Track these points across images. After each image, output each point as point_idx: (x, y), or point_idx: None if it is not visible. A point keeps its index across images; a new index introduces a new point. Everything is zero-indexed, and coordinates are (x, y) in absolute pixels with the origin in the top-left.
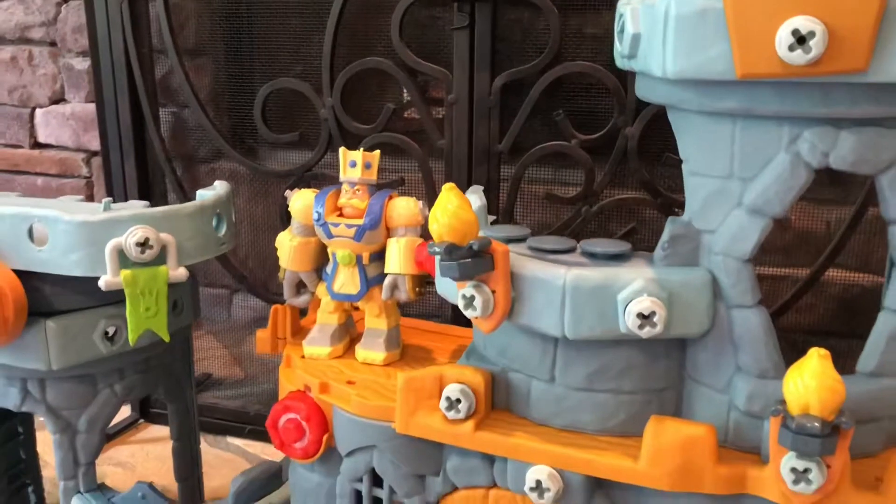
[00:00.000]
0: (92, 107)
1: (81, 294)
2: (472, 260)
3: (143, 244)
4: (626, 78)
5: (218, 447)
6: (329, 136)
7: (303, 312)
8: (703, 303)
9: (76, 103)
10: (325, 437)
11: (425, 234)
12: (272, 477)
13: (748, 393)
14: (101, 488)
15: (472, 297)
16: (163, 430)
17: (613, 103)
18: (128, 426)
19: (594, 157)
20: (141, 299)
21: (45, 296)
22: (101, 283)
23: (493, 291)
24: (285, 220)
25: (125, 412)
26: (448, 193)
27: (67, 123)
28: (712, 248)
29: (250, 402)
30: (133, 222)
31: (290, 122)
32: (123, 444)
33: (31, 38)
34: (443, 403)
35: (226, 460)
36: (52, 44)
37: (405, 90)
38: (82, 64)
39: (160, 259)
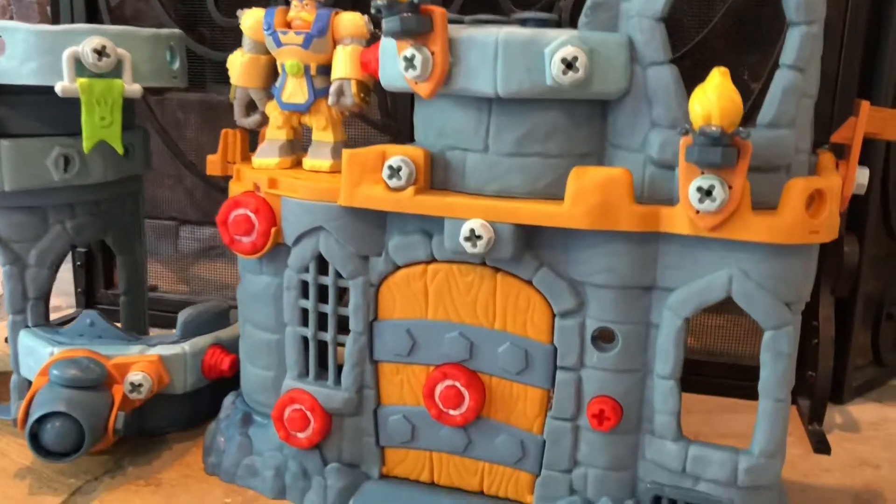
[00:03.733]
0: None
1: (37, 120)
2: (413, 14)
3: (101, 52)
4: None
5: None
6: None
7: (252, 146)
8: (620, 60)
9: None
10: (272, 231)
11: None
12: (220, 315)
13: (661, 142)
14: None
15: (413, 57)
16: None
17: None
18: (71, 320)
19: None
20: (96, 108)
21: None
22: (58, 89)
23: (433, 53)
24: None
25: (70, 302)
26: None
27: None
28: (629, 12)
29: (197, 298)
30: (91, 33)
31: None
32: None
33: None
34: (385, 172)
35: None
36: None
37: None
38: None
39: (116, 73)
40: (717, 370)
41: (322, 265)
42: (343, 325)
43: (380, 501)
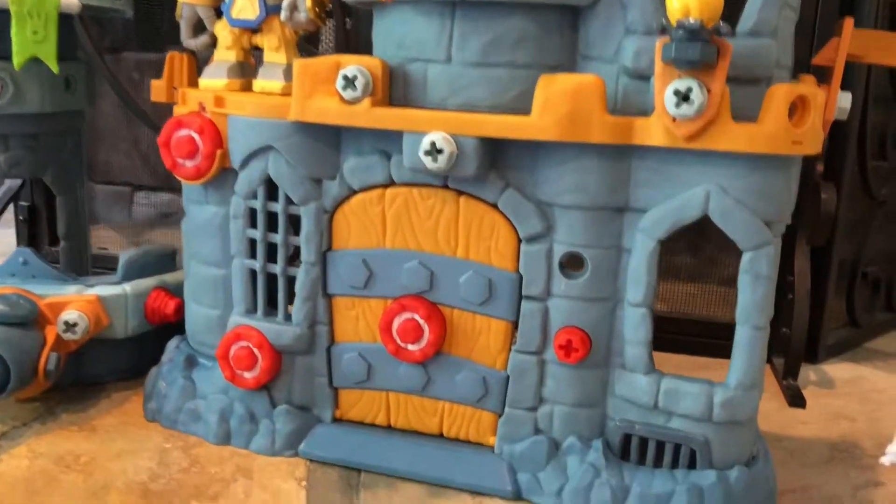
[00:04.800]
0: None
1: None
2: None
3: None
4: None
5: None
6: None
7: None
8: None
9: None
10: (218, 153)
11: None
12: (165, 257)
13: (635, 50)
14: None
15: None
16: None
17: None
18: None
19: None
20: (28, 20)
21: None
22: None
23: None
24: None
25: None
26: None
27: None
28: None
29: None
30: None
31: None
32: None
33: None
34: (339, 82)
35: None
36: None
37: None
38: None
39: None
40: (690, 328)
41: (271, 190)
42: (295, 257)
43: (332, 446)
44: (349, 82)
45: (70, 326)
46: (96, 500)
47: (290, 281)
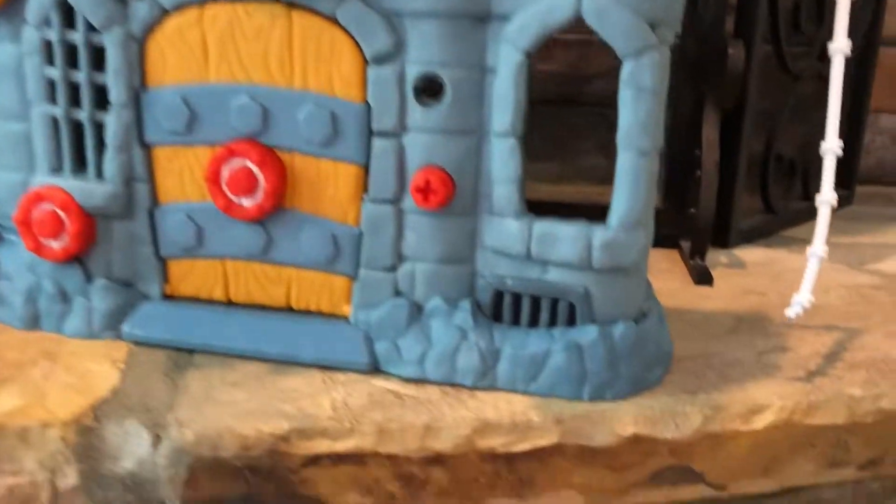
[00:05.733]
0: None
1: None
2: None
3: None
4: None
5: None
6: None
7: None
8: None
9: None
10: None
11: None
12: None
13: None
14: None
15: None
16: None
17: None
18: None
19: None
20: None
21: None
22: None
23: None
24: None
25: None
26: None
27: None
28: None
29: None
30: None
31: None
32: None
33: None
34: None
35: None
36: None
37: None
38: None
39: None
40: (592, 213)
41: (69, 15)
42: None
43: (159, 325)
44: None
45: None
46: None
47: (102, 129)
